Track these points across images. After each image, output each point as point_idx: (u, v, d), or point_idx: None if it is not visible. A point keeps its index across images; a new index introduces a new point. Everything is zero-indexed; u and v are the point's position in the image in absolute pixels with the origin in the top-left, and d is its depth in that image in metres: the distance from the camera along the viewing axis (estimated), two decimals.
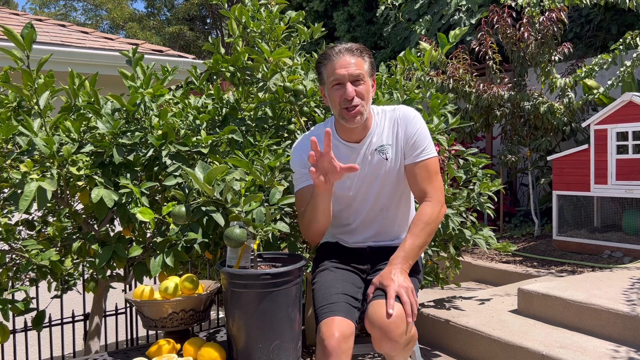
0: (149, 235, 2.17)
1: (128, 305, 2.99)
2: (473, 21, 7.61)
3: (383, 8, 7.85)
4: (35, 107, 1.86)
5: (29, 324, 3.00)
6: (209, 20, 20.04)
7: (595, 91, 4.73)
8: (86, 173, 1.81)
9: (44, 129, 1.84)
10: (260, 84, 2.25)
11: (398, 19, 8.89)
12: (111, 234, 2.14)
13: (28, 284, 2.13)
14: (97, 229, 2.07)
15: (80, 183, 1.88)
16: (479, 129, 5.30)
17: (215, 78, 2.34)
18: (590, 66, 4.57)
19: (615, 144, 4.13)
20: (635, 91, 4.73)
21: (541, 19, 4.74)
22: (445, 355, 2.76)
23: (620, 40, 4.51)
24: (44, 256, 1.85)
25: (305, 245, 2.44)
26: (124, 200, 1.83)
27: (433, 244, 2.65)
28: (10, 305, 1.90)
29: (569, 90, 4.88)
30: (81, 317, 2.94)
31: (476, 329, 2.62)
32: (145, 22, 20.03)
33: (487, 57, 5.10)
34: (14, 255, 2.07)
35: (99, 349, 2.30)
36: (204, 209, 1.71)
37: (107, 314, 2.97)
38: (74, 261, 2.07)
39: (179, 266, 1.92)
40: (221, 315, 3.98)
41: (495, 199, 2.79)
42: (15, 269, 2.05)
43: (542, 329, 2.58)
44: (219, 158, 1.91)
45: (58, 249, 2.07)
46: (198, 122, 2.14)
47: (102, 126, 1.86)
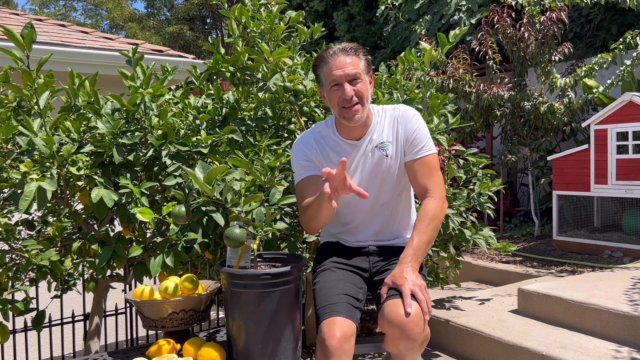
0: (149, 235, 2.17)
1: (128, 305, 2.99)
2: (473, 21, 7.61)
3: (383, 8, 7.85)
4: (35, 107, 1.86)
5: (29, 324, 3.01)
6: (209, 20, 20.04)
7: (595, 90, 4.73)
8: (86, 173, 1.81)
9: (43, 129, 1.84)
10: (260, 84, 2.25)
11: (398, 19, 8.90)
12: (111, 234, 2.14)
13: (28, 284, 2.13)
14: (97, 229, 2.06)
15: (80, 183, 1.88)
16: (479, 129, 5.30)
17: (215, 78, 2.35)
18: (590, 65, 4.57)
19: (615, 144, 4.13)
20: (635, 91, 4.73)
21: (541, 19, 4.74)
22: (445, 355, 2.76)
23: (620, 39, 4.51)
24: (44, 256, 1.85)
25: (305, 245, 2.43)
26: (124, 200, 1.83)
27: (433, 243, 2.65)
28: (10, 305, 1.91)
29: (569, 90, 4.88)
30: (81, 317, 2.94)
31: (476, 329, 2.62)
32: (145, 22, 20.01)
33: (487, 57, 5.10)
34: (14, 255, 2.07)
35: (99, 349, 2.30)
36: (204, 209, 1.71)
37: (107, 314, 2.96)
38: (74, 261, 2.07)
39: (179, 266, 1.92)
40: (221, 315, 3.97)
41: (495, 199, 2.79)
42: (15, 269, 2.05)
43: (542, 329, 2.58)
44: (219, 158, 1.91)
45: (58, 249, 2.07)
46: (198, 122, 2.14)
47: (102, 126, 1.86)
